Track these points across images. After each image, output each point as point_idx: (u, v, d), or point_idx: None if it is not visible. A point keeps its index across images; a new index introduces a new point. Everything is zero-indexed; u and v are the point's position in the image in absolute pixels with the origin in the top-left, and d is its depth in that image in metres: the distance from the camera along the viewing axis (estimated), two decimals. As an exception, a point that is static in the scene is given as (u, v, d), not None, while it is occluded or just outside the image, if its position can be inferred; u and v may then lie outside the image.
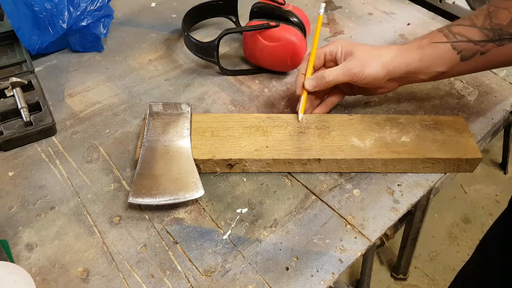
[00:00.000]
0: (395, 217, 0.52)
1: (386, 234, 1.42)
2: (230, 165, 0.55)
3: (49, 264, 0.47)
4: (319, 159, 0.54)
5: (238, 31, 0.73)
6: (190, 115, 0.59)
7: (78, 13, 0.69)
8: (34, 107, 0.63)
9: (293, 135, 0.57)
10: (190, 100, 0.67)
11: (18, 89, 0.63)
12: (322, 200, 0.54)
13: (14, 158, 0.58)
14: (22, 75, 0.67)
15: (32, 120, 0.60)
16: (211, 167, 0.55)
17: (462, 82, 0.70)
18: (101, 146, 0.60)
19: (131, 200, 0.50)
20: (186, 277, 0.46)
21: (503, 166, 1.69)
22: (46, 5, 0.67)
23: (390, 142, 0.56)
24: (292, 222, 0.51)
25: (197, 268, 0.47)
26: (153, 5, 0.89)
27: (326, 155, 0.54)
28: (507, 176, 1.68)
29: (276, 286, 0.46)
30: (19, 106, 0.61)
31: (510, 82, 0.70)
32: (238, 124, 0.58)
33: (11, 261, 0.47)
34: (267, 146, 0.55)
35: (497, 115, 0.64)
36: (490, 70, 0.72)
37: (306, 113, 0.60)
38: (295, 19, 0.69)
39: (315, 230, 0.50)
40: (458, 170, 0.57)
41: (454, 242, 1.47)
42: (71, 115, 0.65)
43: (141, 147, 0.55)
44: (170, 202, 0.51)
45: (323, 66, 0.61)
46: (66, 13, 0.68)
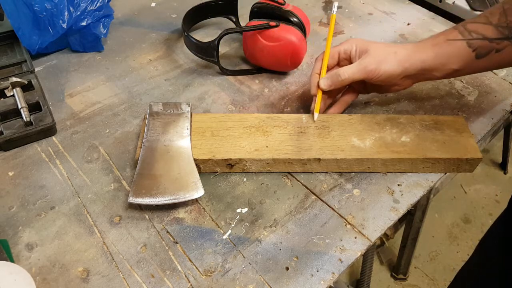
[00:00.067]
0: (395, 217, 0.52)
1: (386, 234, 1.42)
2: (230, 165, 0.55)
3: (49, 264, 0.47)
4: (319, 159, 0.54)
5: (238, 31, 0.73)
6: (190, 115, 0.59)
7: (78, 13, 0.69)
8: (34, 107, 0.63)
9: (293, 135, 0.57)
10: (190, 100, 0.67)
11: (18, 89, 0.63)
12: (322, 200, 0.54)
13: (14, 158, 0.58)
14: (22, 75, 0.67)
15: (32, 120, 0.60)
16: (211, 167, 0.55)
17: (462, 82, 0.70)
18: (101, 146, 0.60)
19: (131, 200, 0.50)
20: (186, 277, 0.47)
21: (503, 166, 1.69)
22: (46, 5, 0.67)
23: (390, 142, 0.56)
24: (292, 222, 0.51)
25: (197, 268, 0.47)
26: (153, 5, 0.89)
27: (326, 155, 0.54)
28: (507, 176, 1.67)
29: (276, 286, 0.46)
30: (19, 106, 0.61)
31: (510, 82, 0.70)
32: (238, 124, 0.58)
33: (11, 261, 0.47)
34: (267, 146, 0.55)
35: (497, 115, 0.64)
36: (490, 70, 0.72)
37: (319, 112, 0.59)
38: (295, 19, 0.69)
39: (315, 230, 0.51)
40: (458, 170, 0.57)
41: (454, 242, 1.47)
42: (71, 115, 0.65)
43: (141, 147, 0.55)
44: (170, 202, 0.51)
45: (337, 65, 0.61)
46: (66, 13, 0.68)
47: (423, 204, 1.02)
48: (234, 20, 0.82)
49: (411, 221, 1.09)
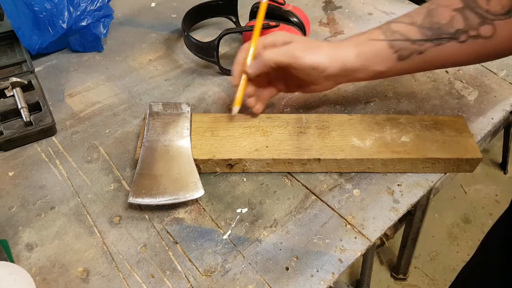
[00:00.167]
0: (395, 217, 0.52)
1: (386, 234, 1.42)
2: (230, 165, 0.55)
3: (49, 264, 0.47)
4: (319, 159, 0.54)
5: (238, 31, 0.73)
6: (190, 115, 0.59)
7: (78, 13, 0.69)
8: (34, 107, 0.63)
9: (293, 135, 0.57)
10: (190, 100, 0.67)
11: (18, 89, 0.63)
12: (322, 200, 0.54)
13: (14, 158, 0.58)
14: (22, 75, 0.67)
15: (32, 120, 0.60)
16: (211, 167, 0.55)
17: (462, 82, 0.70)
18: (101, 146, 0.60)
19: (131, 200, 0.50)
20: (186, 277, 0.46)
21: (503, 166, 1.69)
22: (46, 5, 0.67)
23: (390, 142, 0.56)
24: (292, 222, 0.51)
25: (197, 268, 0.47)
26: (153, 5, 0.89)
27: (326, 155, 0.54)
28: (507, 176, 1.68)
29: (276, 286, 0.46)
30: (19, 106, 0.61)
31: (510, 82, 0.70)
32: (238, 124, 0.58)
33: (11, 261, 0.47)
34: (267, 146, 0.55)
35: (497, 115, 0.64)
36: (490, 70, 0.72)
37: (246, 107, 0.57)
38: (295, 19, 0.69)
39: (315, 230, 0.50)
40: (458, 170, 0.57)
41: (454, 242, 1.47)
42: (71, 115, 0.65)
43: (141, 147, 0.55)
44: (170, 202, 0.51)
45: None
46: (66, 13, 0.68)
47: (423, 204, 1.02)
48: (234, 20, 0.82)
49: (411, 221, 1.09)
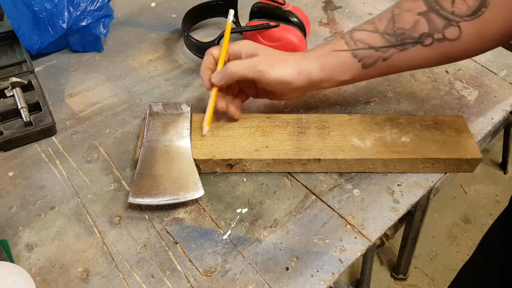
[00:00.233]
0: (395, 217, 0.52)
1: (386, 234, 1.42)
2: (230, 165, 0.55)
3: (49, 264, 0.47)
4: (319, 159, 0.54)
5: (238, 31, 0.73)
6: (190, 115, 0.58)
7: (78, 13, 0.69)
8: (34, 107, 0.63)
9: (293, 135, 0.57)
10: (190, 100, 0.67)
11: (18, 89, 0.63)
12: (322, 200, 0.54)
13: (14, 158, 0.58)
14: (22, 75, 0.67)
15: (32, 120, 0.60)
16: (211, 167, 0.55)
17: (462, 82, 0.70)
18: (101, 146, 0.60)
19: (131, 200, 0.50)
20: (186, 277, 0.46)
21: (503, 166, 1.69)
22: (46, 5, 0.67)
23: (390, 142, 0.56)
24: (292, 222, 0.51)
25: (197, 268, 0.47)
26: (153, 5, 0.89)
27: (326, 155, 0.54)
28: (507, 176, 1.68)
29: (276, 286, 0.46)
30: (19, 106, 0.61)
31: (510, 82, 0.70)
32: (238, 124, 0.58)
33: (11, 261, 0.47)
34: (267, 146, 0.55)
35: (497, 115, 0.64)
36: (490, 70, 0.72)
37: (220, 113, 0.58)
38: (295, 19, 0.69)
39: (315, 230, 0.50)
40: (458, 170, 0.57)
41: (454, 242, 1.47)
42: (71, 115, 0.65)
43: (141, 147, 0.55)
44: (170, 202, 0.51)
45: None
46: (66, 13, 0.68)
47: (423, 204, 1.02)
48: (234, 20, 0.82)
49: (411, 221, 1.09)
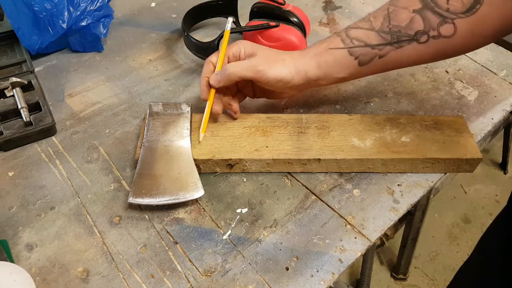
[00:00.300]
0: (395, 217, 0.52)
1: (386, 234, 1.42)
2: (230, 165, 0.55)
3: (49, 264, 0.47)
4: (319, 159, 0.54)
5: (238, 31, 0.73)
6: (190, 115, 0.58)
7: (78, 13, 0.69)
8: (34, 107, 0.63)
9: (293, 135, 0.57)
10: (190, 100, 0.67)
11: (18, 89, 0.63)
12: (322, 200, 0.54)
13: (14, 158, 0.58)
14: (22, 75, 0.67)
15: (32, 120, 0.60)
16: (211, 167, 0.55)
17: (462, 82, 0.70)
18: (101, 146, 0.60)
19: (131, 200, 0.50)
20: (186, 277, 0.47)
21: (503, 166, 1.69)
22: (46, 5, 0.67)
23: (390, 142, 0.56)
24: (292, 222, 0.51)
25: (197, 268, 0.47)
26: (153, 5, 0.89)
27: (326, 155, 0.54)
28: (507, 176, 1.68)
29: (276, 286, 0.46)
30: (19, 106, 0.61)
31: (510, 82, 0.70)
32: (238, 124, 0.58)
33: (11, 261, 0.47)
34: (267, 146, 0.55)
35: (497, 115, 0.64)
36: (490, 70, 0.72)
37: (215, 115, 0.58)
38: (295, 19, 0.69)
39: (315, 230, 0.50)
40: (458, 170, 0.57)
41: (454, 242, 1.47)
42: (71, 115, 0.65)
43: (141, 147, 0.55)
44: (170, 202, 0.51)
45: None
46: (66, 13, 0.68)
47: (423, 204, 1.02)
48: (234, 20, 0.82)
49: (411, 221, 1.09)
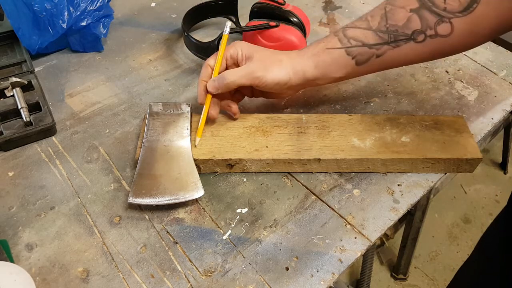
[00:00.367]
0: (395, 217, 0.52)
1: (386, 234, 1.42)
2: (230, 165, 0.55)
3: (49, 264, 0.47)
4: (319, 159, 0.54)
5: (238, 31, 0.73)
6: (190, 115, 0.58)
7: (78, 13, 0.69)
8: (34, 107, 0.63)
9: (293, 135, 0.57)
10: (190, 100, 0.67)
11: (18, 89, 0.63)
12: (322, 200, 0.54)
13: (14, 158, 0.58)
14: (22, 75, 0.67)
15: (32, 120, 0.60)
16: (211, 167, 0.55)
17: (462, 82, 0.70)
18: (101, 146, 0.60)
19: (131, 200, 0.50)
20: (186, 277, 0.47)
21: (503, 166, 1.69)
22: (46, 5, 0.67)
23: (390, 142, 0.56)
24: (292, 222, 0.51)
25: (197, 268, 0.47)
26: (153, 5, 0.89)
27: (326, 155, 0.54)
28: (507, 176, 1.68)
29: (276, 286, 0.46)
30: (19, 106, 0.61)
31: (510, 82, 0.70)
32: (238, 124, 0.58)
33: (11, 261, 0.47)
34: (267, 146, 0.55)
35: (497, 115, 0.64)
36: (490, 70, 0.72)
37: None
38: (295, 19, 0.69)
39: (315, 230, 0.50)
40: (458, 170, 0.57)
41: (454, 242, 1.47)
42: (71, 115, 0.65)
43: (141, 147, 0.55)
44: (170, 202, 0.51)
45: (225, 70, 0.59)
46: (66, 13, 0.68)
47: (423, 204, 1.02)
48: (234, 20, 0.82)
49: (411, 221, 1.09)
